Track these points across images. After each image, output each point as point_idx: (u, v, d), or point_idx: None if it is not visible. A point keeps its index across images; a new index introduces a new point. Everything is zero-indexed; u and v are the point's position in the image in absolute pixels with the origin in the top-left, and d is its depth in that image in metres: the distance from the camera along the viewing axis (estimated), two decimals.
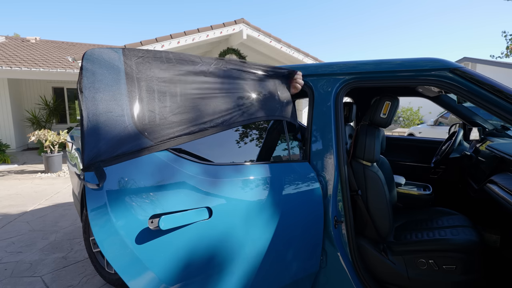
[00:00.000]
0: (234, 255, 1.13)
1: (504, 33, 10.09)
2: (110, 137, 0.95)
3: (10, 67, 7.18)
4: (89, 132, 0.93)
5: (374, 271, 1.45)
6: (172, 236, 1.00)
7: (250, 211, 1.15)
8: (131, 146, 0.98)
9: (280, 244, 1.28)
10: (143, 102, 1.03)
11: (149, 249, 0.97)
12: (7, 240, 2.95)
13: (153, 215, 0.97)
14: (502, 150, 1.73)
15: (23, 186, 5.08)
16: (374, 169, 1.51)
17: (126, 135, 0.97)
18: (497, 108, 1.13)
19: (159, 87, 1.08)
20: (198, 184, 1.07)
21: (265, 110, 1.31)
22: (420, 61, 1.26)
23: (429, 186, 2.33)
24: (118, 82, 0.99)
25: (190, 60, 1.17)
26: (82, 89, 0.95)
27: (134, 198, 0.97)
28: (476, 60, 13.12)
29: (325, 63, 1.45)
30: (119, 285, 2.02)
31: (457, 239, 1.45)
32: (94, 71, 0.96)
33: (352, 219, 1.33)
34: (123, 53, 1.03)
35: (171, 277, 1.02)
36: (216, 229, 1.08)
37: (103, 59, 0.98)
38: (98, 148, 0.93)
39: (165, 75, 1.10)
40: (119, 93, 0.99)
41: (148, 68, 1.07)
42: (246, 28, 7.88)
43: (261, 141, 1.45)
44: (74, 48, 11.70)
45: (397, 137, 3.02)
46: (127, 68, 1.02)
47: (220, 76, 1.22)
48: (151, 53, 1.10)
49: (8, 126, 8.71)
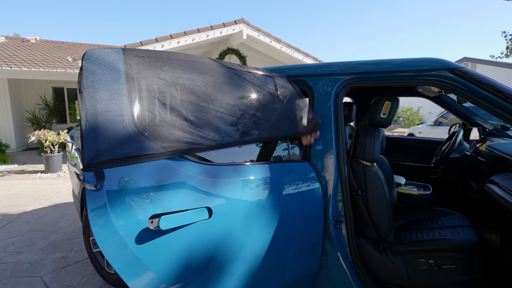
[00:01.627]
0: (234, 255, 1.13)
1: (504, 33, 10.09)
2: (109, 137, 0.94)
3: (10, 67, 7.18)
4: (88, 132, 0.92)
5: (374, 271, 1.45)
6: (172, 236, 1.00)
7: (250, 211, 1.15)
8: (132, 148, 0.97)
9: (280, 245, 1.28)
10: (143, 103, 1.02)
11: (149, 249, 0.97)
12: (7, 240, 2.95)
13: (153, 215, 0.97)
14: (502, 150, 1.73)
15: (23, 186, 5.08)
16: (374, 169, 1.51)
17: (126, 135, 0.96)
18: (497, 108, 1.13)
19: (160, 88, 1.06)
20: (198, 184, 1.07)
21: (277, 128, 1.30)
22: (420, 61, 1.26)
23: (429, 186, 2.33)
24: (118, 82, 0.98)
25: (195, 62, 1.15)
26: (81, 89, 0.93)
27: (134, 198, 0.96)
28: (476, 60, 13.12)
29: (325, 63, 1.45)
30: (119, 285, 2.02)
31: (457, 239, 1.45)
32: (94, 71, 0.95)
33: (352, 219, 1.33)
34: (123, 53, 1.02)
35: (171, 277, 1.02)
36: (216, 229, 1.08)
37: (103, 59, 0.98)
38: (97, 148, 0.92)
39: (167, 76, 1.09)
40: (118, 93, 0.98)
41: (149, 68, 1.05)
42: (246, 28, 7.88)
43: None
44: (74, 48, 11.71)
45: (397, 137, 3.02)
46: (127, 68, 1.01)
47: (227, 82, 1.20)
48: (152, 53, 1.09)
49: (8, 126, 8.71)
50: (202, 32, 7.43)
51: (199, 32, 7.38)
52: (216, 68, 1.21)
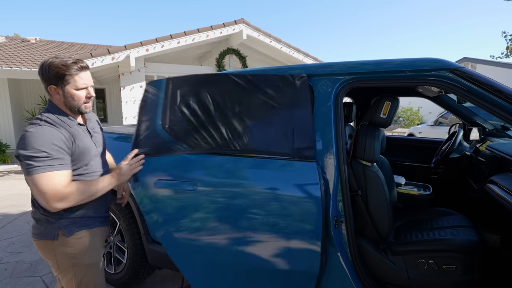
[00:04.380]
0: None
1: (504, 33, 10.07)
2: (150, 138, 1.57)
3: (10, 67, 7.18)
4: (137, 133, 1.58)
5: (374, 271, 1.45)
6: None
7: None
8: (163, 146, 1.54)
9: (278, 244, 1.28)
10: (169, 113, 1.57)
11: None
12: (7, 240, 2.95)
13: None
14: (502, 150, 1.73)
15: (23, 186, 5.08)
16: (374, 169, 1.51)
17: (160, 137, 1.58)
18: (497, 108, 1.13)
19: (181, 102, 1.55)
20: (205, 176, 1.46)
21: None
22: (420, 61, 1.26)
23: (429, 186, 2.33)
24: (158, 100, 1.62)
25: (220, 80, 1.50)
26: (140, 104, 1.63)
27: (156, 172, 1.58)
28: (476, 60, 13.12)
29: (325, 63, 1.45)
30: (119, 285, 2.02)
31: (457, 239, 1.45)
32: (148, 91, 1.64)
33: (352, 219, 1.33)
34: (166, 80, 1.61)
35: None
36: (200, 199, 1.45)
37: (155, 84, 1.64)
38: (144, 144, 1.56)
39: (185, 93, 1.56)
40: (156, 107, 1.60)
41: (175, 88, 1.58)
42: (246, 28, 7.88)
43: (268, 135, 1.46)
44: (74, 48, 11.71)
45: (397, 137, 3.03)
46: (164, 90, 1.61)
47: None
48: (178, 78, 1.60)
49: (8, 126, 8.71)
50: (202, 32, 7.43)
51: (199, 32, 7.38)
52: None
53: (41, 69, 1.14)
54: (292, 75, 1.38)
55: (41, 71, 1.14)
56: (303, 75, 1.37)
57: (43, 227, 1.17)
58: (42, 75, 1.15)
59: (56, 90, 1.15)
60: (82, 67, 1.17)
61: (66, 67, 1.12)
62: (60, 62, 1.12)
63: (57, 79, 1.13)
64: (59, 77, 1.13)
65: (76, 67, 1.14)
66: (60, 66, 1.12)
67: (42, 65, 1.14)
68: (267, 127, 1.41)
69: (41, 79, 1.16)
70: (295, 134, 1.35)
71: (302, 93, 1.36)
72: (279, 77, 1.40)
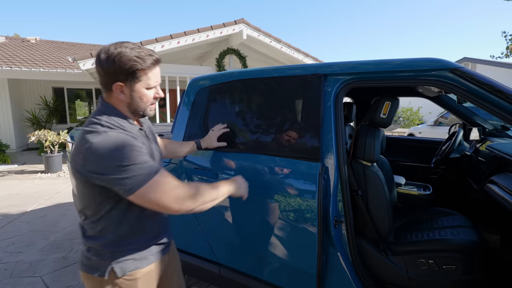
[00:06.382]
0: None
1: (504, 33, 10.08)
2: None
3: (10, 67, 7.19)
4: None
5: (374, 271, 1.45)
6: None
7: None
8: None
9: (277, 243, 1.28)
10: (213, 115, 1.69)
11: None
12: (7, 240, 2.95)
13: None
14: (502, 150, 1.73)
15: (23, 186, 5.08)
16: (374, 169, 1.51)
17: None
18: (497, 108, 1.12)
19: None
20: (225, 168, 1.59)
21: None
22: (420, 61, 1.26)
23: (429, 186, 2.33)
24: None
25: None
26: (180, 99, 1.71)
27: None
28: (476, 60, 13.11)
29: (325, 63, 1.45)
30: None
31: (457, 239, 1.45)
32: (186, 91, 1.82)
33: (352, 219, 1.33)
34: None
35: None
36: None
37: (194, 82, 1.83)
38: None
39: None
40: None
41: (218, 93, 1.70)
42: (246, 28, 7.88)
43: (276, 136, 1.51)
44: (74, 48, 11.71)
45: (397, 137, 3.02)
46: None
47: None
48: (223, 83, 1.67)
49: (8, 126, 8.71)
50: (202, 32, 7.43)
51: (199, 32, 7.38)
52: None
53: (106, 60, 0.87)
54: (310, 76, 1.41)
55: (106, 63, 0.87)
56: (319, 74, 1.40)
57: (93, 259, 0.94)
58: (107, 68, 0.88)
59: (122, 88, 0.90)
60: (157, 61, 0.93)
61: (142, 60, 0.88)
62: (134, 53, 0.87)
63: (127, 74, 0.88)
64: (131, 72, 0.88)
65: (151, 61, 0.91)
66: (135, 59, 0.87)
67: (108, 54, 0.86)
68: (293, 128, 1.46)
69: (101, 72, 0.89)
70: (307, 135, 1.40)
71: (315, 93, 1.39)
72: (298, 78, 1.45)
